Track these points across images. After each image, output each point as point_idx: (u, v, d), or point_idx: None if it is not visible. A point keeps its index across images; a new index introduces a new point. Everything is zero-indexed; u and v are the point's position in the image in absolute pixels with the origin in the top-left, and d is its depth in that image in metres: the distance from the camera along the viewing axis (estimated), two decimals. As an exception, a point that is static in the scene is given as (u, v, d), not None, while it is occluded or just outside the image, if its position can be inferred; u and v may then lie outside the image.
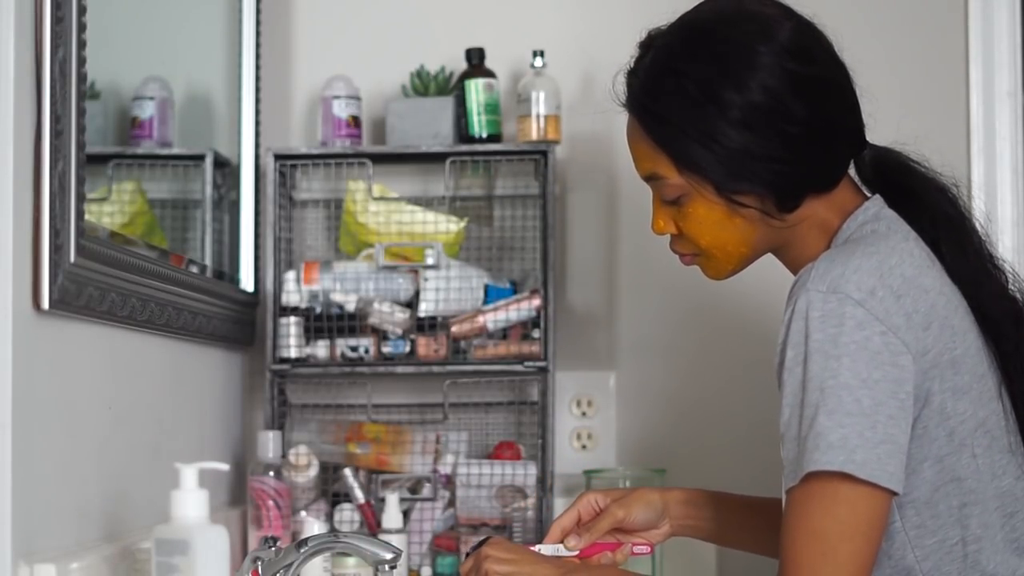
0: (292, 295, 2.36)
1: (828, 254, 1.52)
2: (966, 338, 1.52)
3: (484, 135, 2.41)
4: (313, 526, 2.02)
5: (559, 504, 2.41)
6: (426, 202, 2.45)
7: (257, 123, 2.43)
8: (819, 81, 1.57)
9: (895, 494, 1.44)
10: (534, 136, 2.41)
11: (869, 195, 1.63)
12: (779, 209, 1.57)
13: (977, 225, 1.64)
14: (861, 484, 1.42)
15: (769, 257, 1.71)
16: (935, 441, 1.48)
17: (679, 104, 1.56)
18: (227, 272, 2.33)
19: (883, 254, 1.50)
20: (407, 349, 2.34)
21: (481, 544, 1.65)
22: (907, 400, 1.45)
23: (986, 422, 1.52)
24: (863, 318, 1.44)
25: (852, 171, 1.64)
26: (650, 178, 1.61)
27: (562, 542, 1.71)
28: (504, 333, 2.36)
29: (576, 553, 1.70)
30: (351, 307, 2.34)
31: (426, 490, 2.33)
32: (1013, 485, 1.53)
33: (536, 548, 1.68)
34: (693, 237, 1.61)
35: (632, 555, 1.74)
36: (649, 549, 1.74)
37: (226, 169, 2.35)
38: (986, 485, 1.51)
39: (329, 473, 2.35)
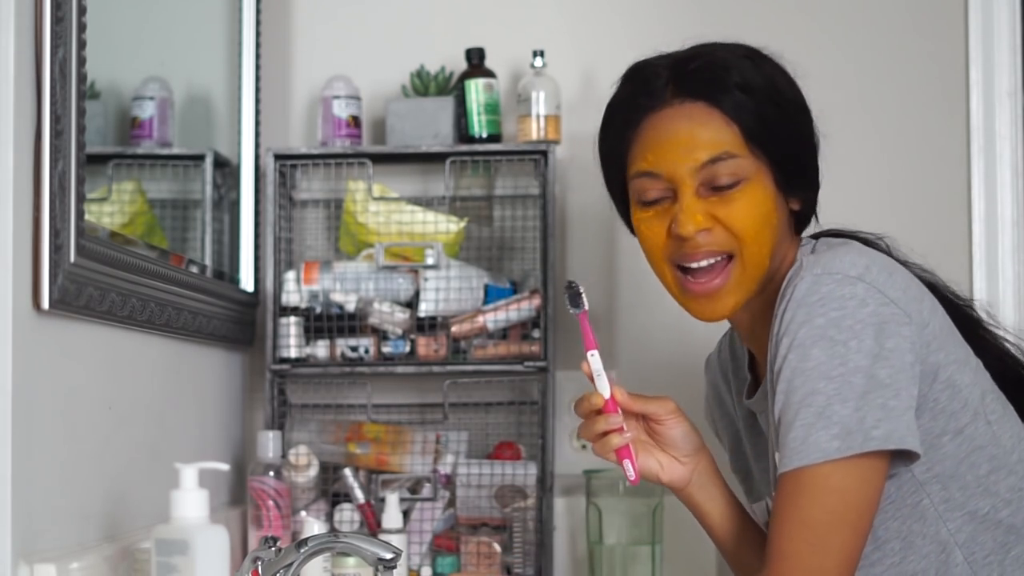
0: (292, 295, 2.36)
1: (809, 256, 1.54)
2: (946, 317, 1.54)
3: (484, 135, 2.41)
4: (313, 526, 2.02)
5: (559, 504, 2.42)
6: (426, 202, 2.45)
7: (257, 123, 2.43)
8: None
9: (914, 459, 1.46)
10: (534, 136, 2.41)
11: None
12: (793, 226, 1.61)
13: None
14: (854, 466, 1.42)
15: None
16: (953, 414, 1.50)
17: (754, 77, 1.57)
18: (227, 272, 2.33)
19: (859, 247, 1.54)
20: (407, 349, 2.34)
21: None
22: (914, 370, 1.46)
23: (994, 389, 1.55)
24: (864, 293, 1.45)
25: None
26: (715, 160, 1.54)
27: (611, 383, 1.62)
28: (504, 333, 2.36)
29: (608, 390, 1.60)
30: (351, 307, 2.34)
31: (426, 490, 2.33)
32: None
33: (591, 352, 1.61)
34: (737, 226, 1.54)
35: (620, 461, 1.60)
36: (635, 478, 1.60)
37: (226, 169, 2.35)
38: (1008, 450, 1.52)
39: (329, 473, 2.35)
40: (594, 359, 1.61)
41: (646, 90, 1.59)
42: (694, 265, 1.57)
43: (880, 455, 1.44)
